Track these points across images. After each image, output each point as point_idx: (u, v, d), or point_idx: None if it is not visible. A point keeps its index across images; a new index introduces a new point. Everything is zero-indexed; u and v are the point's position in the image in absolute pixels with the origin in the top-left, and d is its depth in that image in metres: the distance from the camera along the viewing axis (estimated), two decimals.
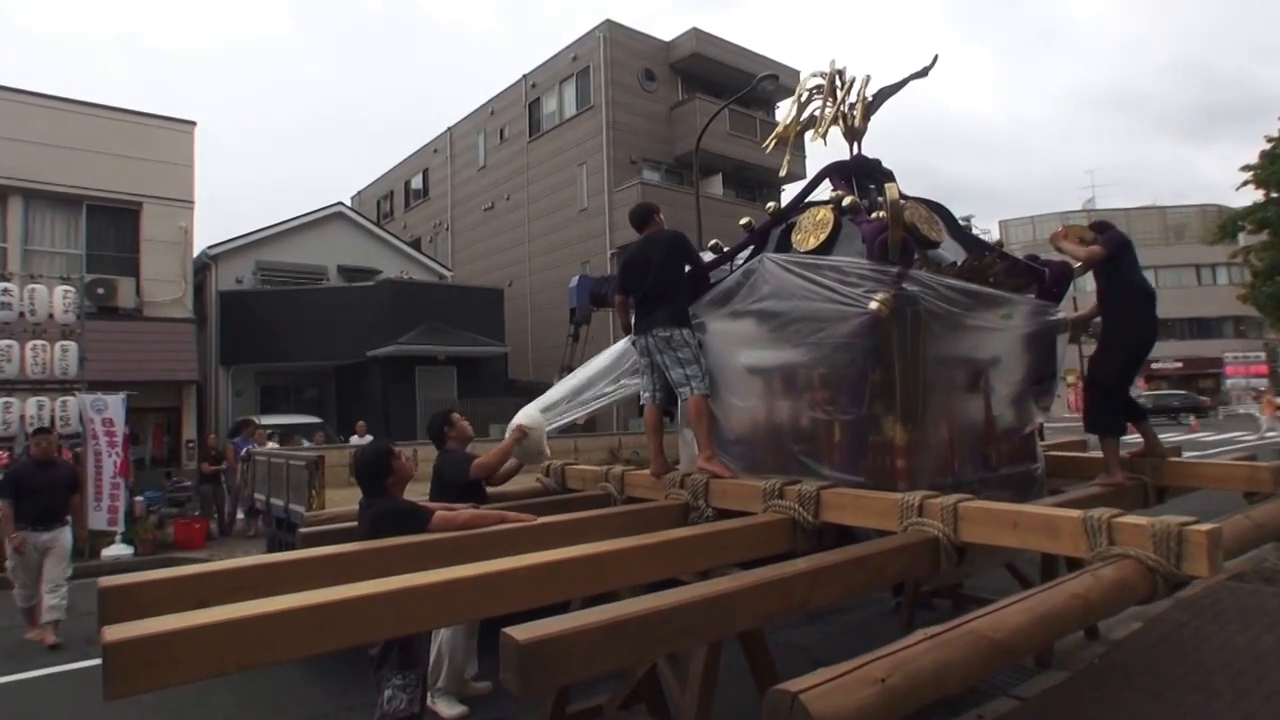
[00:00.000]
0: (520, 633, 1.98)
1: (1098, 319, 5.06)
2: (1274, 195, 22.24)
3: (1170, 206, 54.01)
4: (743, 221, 5.11)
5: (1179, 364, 46.12)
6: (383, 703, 3.67)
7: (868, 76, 4.89)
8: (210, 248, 20.65)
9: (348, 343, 19.43)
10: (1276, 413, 28.41)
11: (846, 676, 1.75)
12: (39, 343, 11.09)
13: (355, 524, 4.01)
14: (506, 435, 5.21)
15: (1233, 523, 3.10)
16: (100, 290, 15.22)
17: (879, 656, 1.86)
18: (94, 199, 16.25)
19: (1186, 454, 5.91)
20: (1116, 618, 5.45)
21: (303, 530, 4.47)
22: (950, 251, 4.56)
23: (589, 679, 2.36)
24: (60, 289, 11.66)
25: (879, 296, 3.76)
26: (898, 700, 1.76)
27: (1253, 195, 23.13)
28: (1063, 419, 28.47)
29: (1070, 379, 26.54)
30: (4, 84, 15.71)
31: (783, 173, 5.25)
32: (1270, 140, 22.39)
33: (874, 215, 4.16)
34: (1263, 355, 46.42)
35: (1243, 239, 26.19)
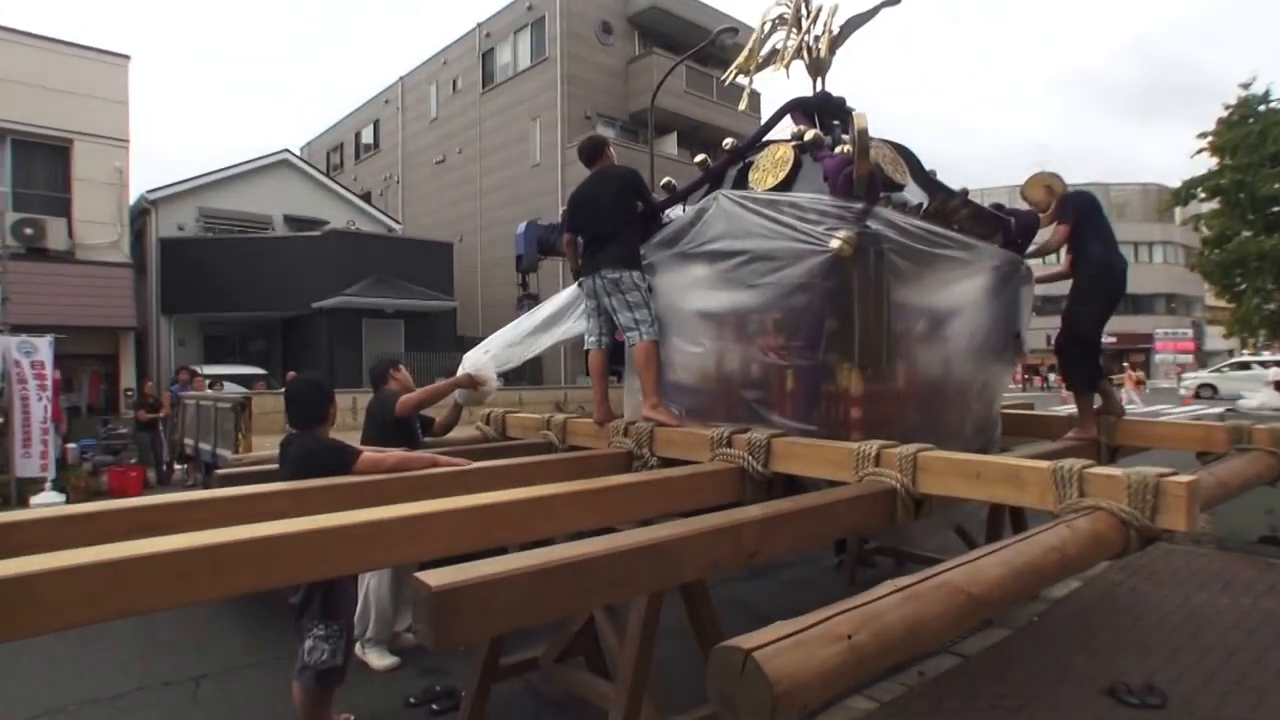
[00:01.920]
0: (434, 578, 1.73)
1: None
2: (1229, 162, 22.36)
3: (1113, 184, 53.77)
4: (698, 159, 4.84)
5: (1113, 339, 46.21)
6: (303, 653, 3.50)
7: (835, 6, 4.62)
8: (150, 192, 19.92)
9: (294, 294, 18.97)
10: (1139, 387, 30.07)
11: (807, 632, 1.51)
12: None
13: (277, 467, 3.77)
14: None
15: (1202, 477, 2.95)
16: (29, 230, 14.58)
17: (843, 610, 1.62)
18: (19, 133, 15.41)
19: None
20: None
21: (220, 471, 4.20)
22: (915, 196, 4.34)
23: (513, 630, 2.12)
24: None
25: (841, 234, 3.53)
26: (867, 660, 1.54)
27: (1207, 163, 23.33)
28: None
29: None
30: None
31: (742, 106, 4.99)
32: (1228, 108, 22.62)
33: (837, 150, 3.91)
34: (1190, 332, 47.94)
35: (1187, 210, 26.54)
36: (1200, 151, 23.24)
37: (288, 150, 23.30)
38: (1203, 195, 23.90)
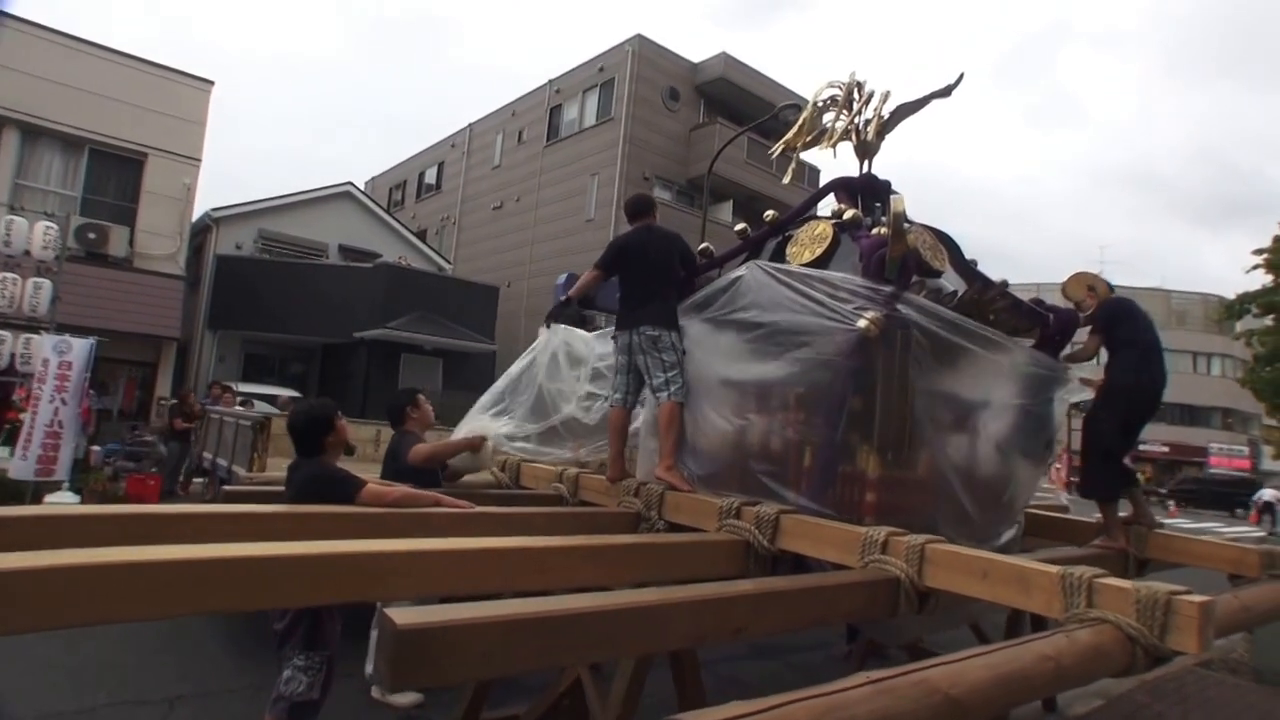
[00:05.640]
0: (401, 616, 1.69)
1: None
2: None
3: (1175, 291, 52.39)
4: (738, 228, 4.87)
5: (1165, 448, 45.68)
6: (280, 683, 3.38)
7: (887, 92, 4.66)
8: (214, 210, 20.55)
9: (338, 322, 19.26)
10: (1067, 485, 28.34)
11: (759, 715, 1.45)
12: (10, 275, 10.71)
13: (284, 488, 3.73)
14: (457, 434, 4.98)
15: (1223, 600, 2.82)
16: (91, 235, 14.97)
17: (808, 696, 1.56)
18: (99, 143, 15.97)
19: None
20: (1076, 692, 5.23)
21: (227, 488, 4.21)
22: (952, 284, 4.31)
23: (480, 679, 2.07)
24: (42, 225, 11.27)
25: (869, 315, 3.50)
26: None
27: (1262, 279, 22.96)
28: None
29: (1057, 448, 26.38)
30: (21, 16, 15.15)
31: (786, 180, 5.03)
32: None
33: (874, 231, 3.91)
34: (1246, 450, 46.21)
35: (1241, 324, 26.09)
36: (1256, 268, 22.85)
37: (350, 183, 23.92)
38: (1256, 311, 23.44)
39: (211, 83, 17.61)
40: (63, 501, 9.82)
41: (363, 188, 26.83)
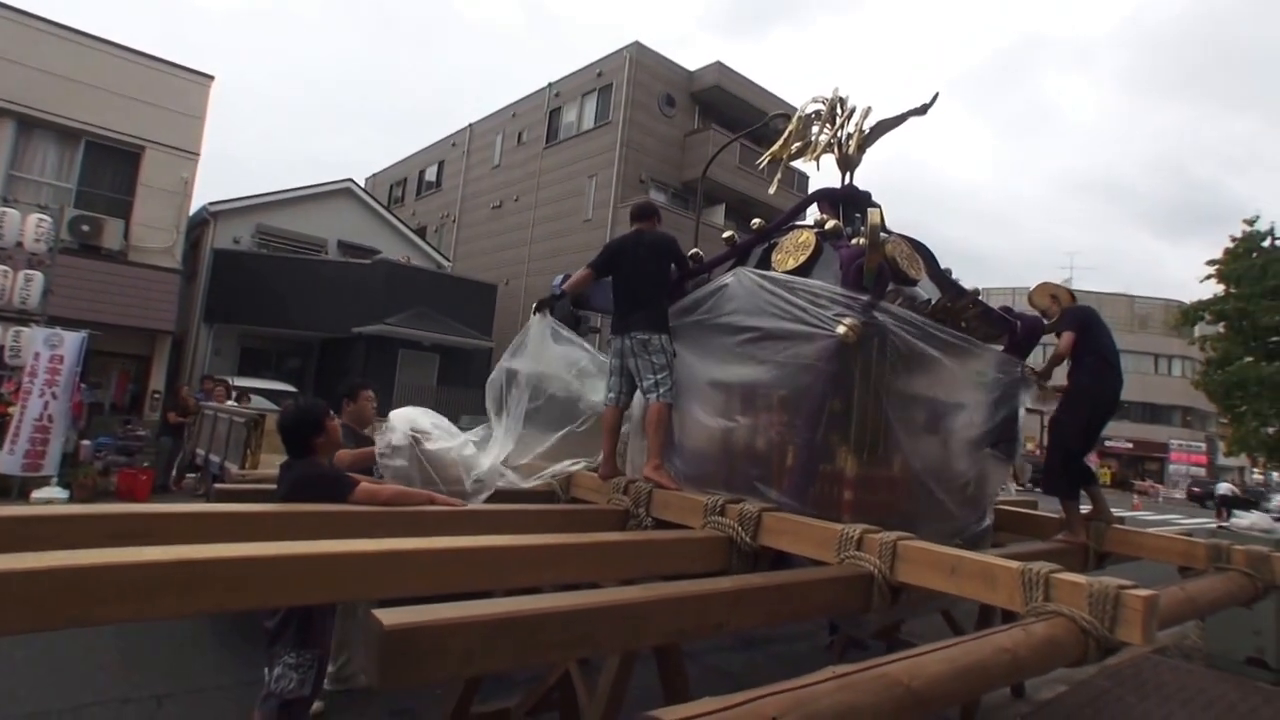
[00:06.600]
0: (389, 616, 1.75)
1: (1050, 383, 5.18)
2: (1233, 291, 23.90)
3: (1139, 296, 56.09)
4: (725, 235, 5.03)
5: (1129, 444, 48.91)
6: (271, 680, 3.40)
7: (868, 108, 4.83)
8: (212, 204, 20.45)
9: (336, 317, 19.35)
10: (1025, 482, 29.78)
11: (731, 710, 1.52)
12: (1, 267, 10.66)
13: (276, 487, 3.76)
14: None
15: (1168, 593, 2.97)
16: (85, 227, 14.78)
17: (774, 692, 1.63)
18: (95, 136, 15.77)
19: None
20: (1044, 678, 5.55)
21: (218, 486, 4.28)
22: (927, 291, 4.48)
23: (465, 677, 2.14)
24: (34, 216, 11.20)
25: (847, 321, 3.66)
26: None
27: (1214, 289, 24.91)
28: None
29: (1030, 445, 27.52)
30: (17, 6, 15.04)
31: (771, 190, 5.18)
32: (1234, 240, 24.29)
33: (854, 241, 4.07)
34: (1203, 446, 48.88)
35: (1198, 330, 27.48)
36: (1209, 277, 24.69)
37: (350, 179, 23.91)
38: (1209, 318, 24.89)
39: (211, 77, 17.44)
40: (51, 496, 9.78)
41: (363, 184, 26.91)
